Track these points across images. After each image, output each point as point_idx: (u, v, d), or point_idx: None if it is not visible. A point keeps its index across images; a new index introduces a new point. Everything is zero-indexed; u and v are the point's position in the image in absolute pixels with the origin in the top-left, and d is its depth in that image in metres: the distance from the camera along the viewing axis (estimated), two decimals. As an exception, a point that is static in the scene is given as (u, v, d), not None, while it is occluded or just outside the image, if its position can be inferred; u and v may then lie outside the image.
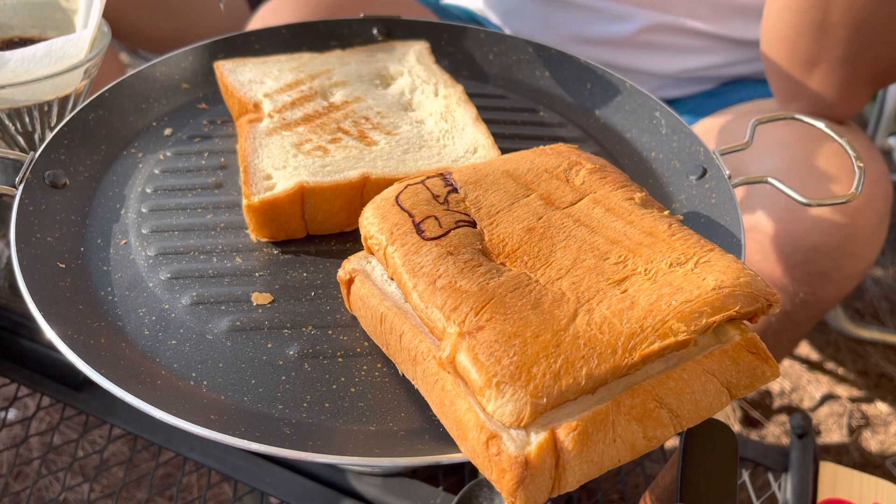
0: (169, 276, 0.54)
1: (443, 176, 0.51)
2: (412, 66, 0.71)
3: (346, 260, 0.50)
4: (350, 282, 0.49)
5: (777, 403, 1.26)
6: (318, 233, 0.58)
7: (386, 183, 0.56)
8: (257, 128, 0.62)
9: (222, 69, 0.69)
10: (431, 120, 0.65)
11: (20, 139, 0.71)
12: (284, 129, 0.62)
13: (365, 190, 0.57)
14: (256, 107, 0.64)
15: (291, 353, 0.49)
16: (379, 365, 0.49)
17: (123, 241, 0.57)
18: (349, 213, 0.58)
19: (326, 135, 0.61)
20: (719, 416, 0.99)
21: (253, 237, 0.57)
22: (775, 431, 1.20)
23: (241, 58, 0.71)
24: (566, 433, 0.36)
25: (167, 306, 0.52)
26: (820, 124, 0.62)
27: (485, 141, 0.63)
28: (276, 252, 0.57)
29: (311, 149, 0.59)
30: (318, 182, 0.56)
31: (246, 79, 0.68)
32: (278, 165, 0.58)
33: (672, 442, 1.01)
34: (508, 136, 0.70)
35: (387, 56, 0.73)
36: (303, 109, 0.64)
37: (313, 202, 0.56)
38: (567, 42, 1.07)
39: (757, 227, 0.83)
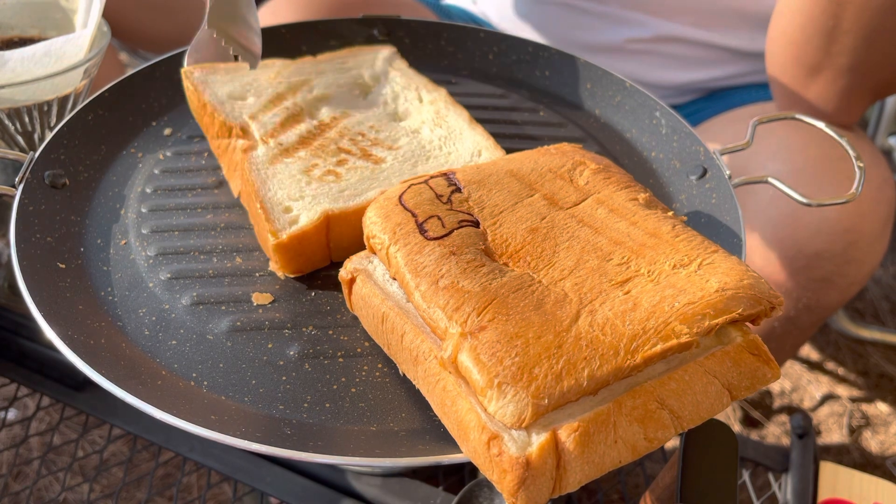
0: (169, 276, 0.54)
1: (446, 176, 0.50)
2: (385, 70, 0.70)
3: (347, 259, 0.50)
4: (352, 281, 0.49)
5: (777, 403, 1.26)
6: (341, 259, 0.56)
7: None
8: (255, 157, 0.58)
9: (193, 79, 0.65)
10: (426, 128, 0.64)
11: (20, 139, 0.71)
12: (285, 156, 0.59)
13: None
14: (244, 131, 0.61)
15: (292, 353, 0.49)
16: (380, 365, 0.49)
17: (123, 241, 0.57)
18: None
19: (330, 157, 0.59)
20: (719, 417, 0.99)
21: (280, 274, 0.55)
22: (775, 431, 1.20)
23: (208, 64, 0.67)
24: (567, 434, 0.36)
25: (167, 306, 0.52)
26: (820, 125, 0.62)
27: (486, 142, 0.62)
28: (276, 252, 0.57)
29: (321, 174, 0.58)
30: (341, 208, 0.54)
31: (224, 94, 0.64)
32: (294, 196, 0.55)
33: (672, 442, 1.01)
34: (509, 136, 0.70)
35: (358, 62, 0.71)
36: (296, 131, 0.61)
37: (339, 229, 0.54)
38: (569, 49, 1.07)
39: (761, 233, 0.83)
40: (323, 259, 0.56)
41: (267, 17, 0.96)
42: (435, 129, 0.64)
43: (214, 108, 0.62)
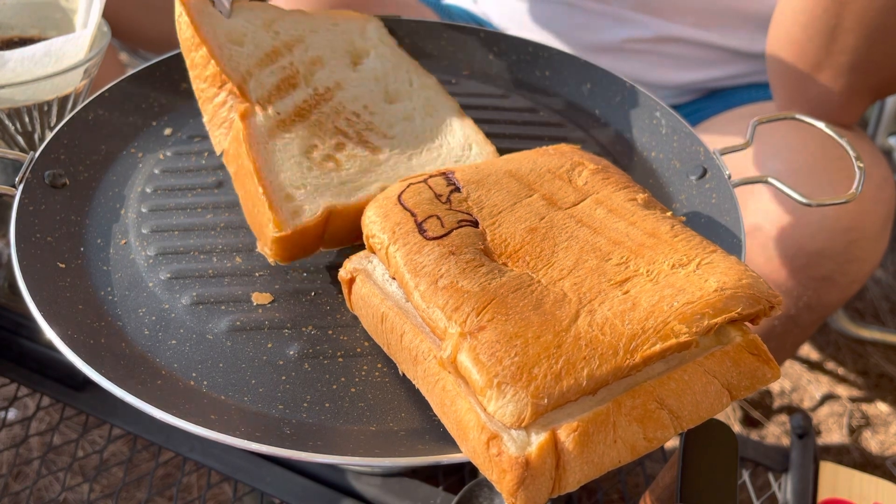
0: (169, 275, 0.54)
1: (445, 175, 0.50)
2: (376, 44, 0.69)
3: (347, 259, 0.50)
4: (351, 281, 0.49)
5: (777, 403, 1.26)
6: (331, 248, 0.57)
7: None
8: (255, 127, 0.57)
9: (190, 6, 0.60)
10: (418, 116, 0.64)
11: (20, 139, 0.71)
12: (283, 130, 0.58)
13: None
14: (242, 91, 0.58)
15: (291, 353, 0.49)
16: (379, 365, 0.49)
17: (123, 241, 0.57)
18: None
19: (328, 138, 0.59)
20: (719, 416, 0.99)
21: (271, 261, 0.54)
22: (775, 431, 1.20)
23: None
24: (567, 434, 0.36)
25: (167, 306, 0.52)
26: (820, 125, 0.62)
27: (476, 136, 0.62)
28: (276, 252, 0.57)
29: (321, 159, 0.57)
30: (344, 204, 0.54)
31: (222, 35, 0.60)
32: (296, 183, 0.54)
33: (672, 442, 1.01)
34: (508, 136, 0.70)
35: (349, 27, 0.69)
36: (291, 99, 0.60)
37: (337, 222, 0.54)
38: (569, 49, 1.07)
39: (761, 230, 0.83)
40: (314, 248, 0.55)
41: (267, 17, 0.96)
42: (427, 118, 0.63)
43: (212, 52, 0.59)
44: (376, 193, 0.55)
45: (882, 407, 1.26)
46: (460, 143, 0.62)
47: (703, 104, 1.07)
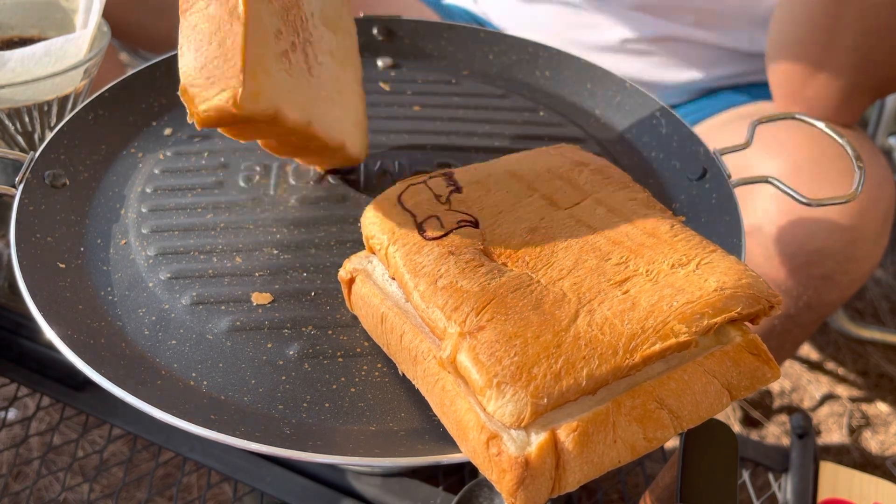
0: (169, 276, 0.54)
1: (445, 175, 0.51)
2: None
3: (346, 259, 0.50)
4: (351, 281, 0.49)
5: (777, 403, 1.26)
6: (237, 139, 0.52)
7: (311, 137, 0.53)
8: None
9: None
10: (336, 60, 0.59)
11: (20, 139, 0.71)
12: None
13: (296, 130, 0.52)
14: None
15: (291, 353, 0.49)
16: (379, 365, 0.49)
17: (123, 241, 0.57)
18: (267, 144, 0.56)
19: (290, 32, 0.53)
20: (719, 416, 0.99)
21: (188, 118, 0.48)
22: (775, 431, 1.20)
23: None
24: (566, 434, 0.36)
25: (167, 306, 0.52)
26: (820, 124, 0.62)
27: (362, 120, 0.62)
28: (276, 252, 0.57)
29: (281, 51, 0.51)
30: (283, 118, 0.49)
31: None
32: (265, 67, 0.48)
33: (672, 442, 1.01)
34: (508, 136, 0.70)
35: None
36: None
37: (265, 125, 0.49)
38: (569, 49, 1.07)
39: (761, 230, 0.83)
40: (227, 126, 0.49)
41: (267, 17, 0.96)
42: (340, 68, 0.60)
43: None
44: (303, 123, 0.52)
45: (882, 407, 1.26)
46: (352, 119, 0.60)
47: (703, 104, 1.07)
